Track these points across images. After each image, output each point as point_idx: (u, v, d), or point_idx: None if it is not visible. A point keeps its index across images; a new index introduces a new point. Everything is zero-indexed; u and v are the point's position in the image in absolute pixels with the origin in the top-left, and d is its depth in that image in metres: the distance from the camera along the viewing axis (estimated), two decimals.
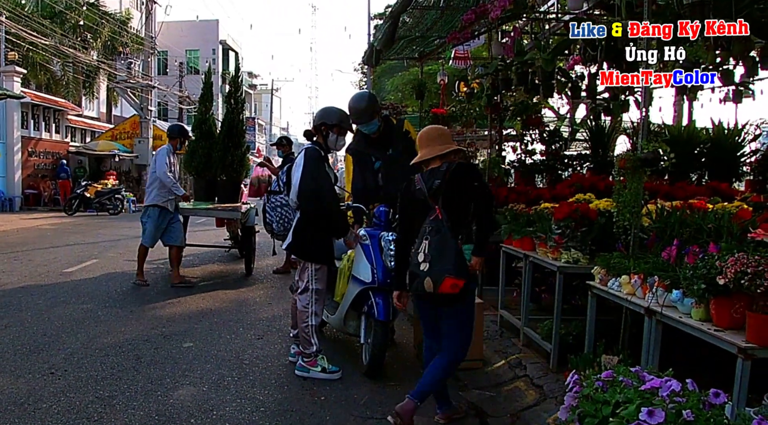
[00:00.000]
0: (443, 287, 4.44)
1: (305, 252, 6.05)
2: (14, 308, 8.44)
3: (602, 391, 2.86)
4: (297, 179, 5.90)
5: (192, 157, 12.27)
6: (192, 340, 7.18)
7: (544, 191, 8.44)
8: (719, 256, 3.53)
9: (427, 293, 4.54)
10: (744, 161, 8.26)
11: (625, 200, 4.86)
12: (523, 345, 6.69)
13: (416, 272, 4.57)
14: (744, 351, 3.19)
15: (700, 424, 2.51)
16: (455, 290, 4.47)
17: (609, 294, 4.68)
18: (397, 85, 26.00)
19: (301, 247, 6.05)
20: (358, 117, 6.86)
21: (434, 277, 4.44)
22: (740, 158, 8.25)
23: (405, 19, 9.73)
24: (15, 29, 25.76)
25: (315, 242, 6.00)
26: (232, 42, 57.25)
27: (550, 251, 5.99)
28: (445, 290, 4.45)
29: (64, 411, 5.05)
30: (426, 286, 4.48)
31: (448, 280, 4.41)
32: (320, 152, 6.06)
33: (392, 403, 5.35)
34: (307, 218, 5.95)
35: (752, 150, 8.33)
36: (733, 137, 8.25)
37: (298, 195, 5.88)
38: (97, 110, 38.99)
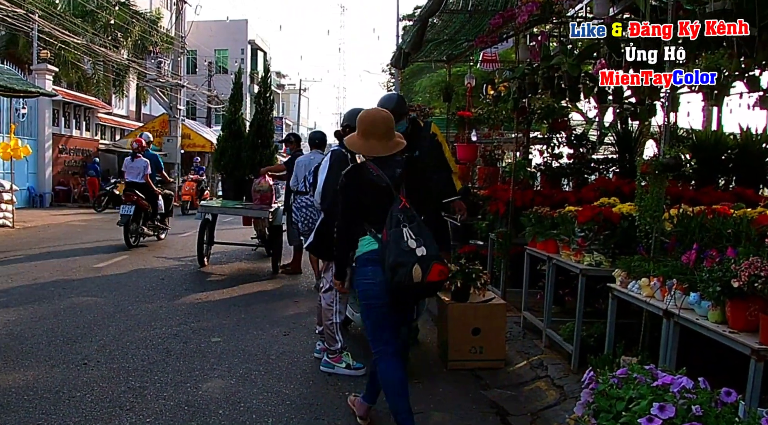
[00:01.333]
0: (432, 275, 4.20)
1: (327, 253, 6.14)
2: (47, 301, 8.66)
3: (617, 388, 2.96)
4: (322, 180, 6.03)
5: (221, 156, 12.47)
6: (220, 335, 7.34)
7: (569, 194, 8.51)
8: (735, 260, 3.61)
9: (407, 286, 4.22)
10: None
11: (646, 204, 4.94)
12: (545, 347, 6.77)
13: (402, 261, 4.20)
14: (757, 353, 3.27)
15: (709, 420, 2.60)
16: (442, 277, 4.34)
17: (629, 296, 4.76)
18: (426, 87, 26.06)
19: (323, 247, 6.15)
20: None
21: (425, 264, 4.18)
22: None
23: (434, 20, 9.83)
24: (47, 28, 26.12)
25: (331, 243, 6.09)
26: (260, 42, 57.60)
27: (573, 253, 6.07)
28: (434, 278, 4.23)
29: (97, 399, 5.23)
30: (414, 275, 4.16)
31: (436, 266, 4.22)
32: (346, 155, 6.16)
33: (414, 400, 5.46)
34: (330, 219, 6.01)
35: None
36: (761, 143, 8.25)
37: (322, 196, 6.01)
38: (126, 108, 39.45)
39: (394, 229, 4.29)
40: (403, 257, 4.20)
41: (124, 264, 12.04)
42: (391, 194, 4.48)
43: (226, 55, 53.93)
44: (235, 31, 53.14)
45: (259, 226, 13.10)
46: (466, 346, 6.45)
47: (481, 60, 14.05)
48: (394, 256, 4.23)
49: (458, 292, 6.54)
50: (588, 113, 15.82)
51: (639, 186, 5.09)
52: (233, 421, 4.95)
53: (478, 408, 5.47)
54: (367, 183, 4.54)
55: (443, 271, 4.31)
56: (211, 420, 4.95)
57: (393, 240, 4.27)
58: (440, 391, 5.82)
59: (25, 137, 24.14)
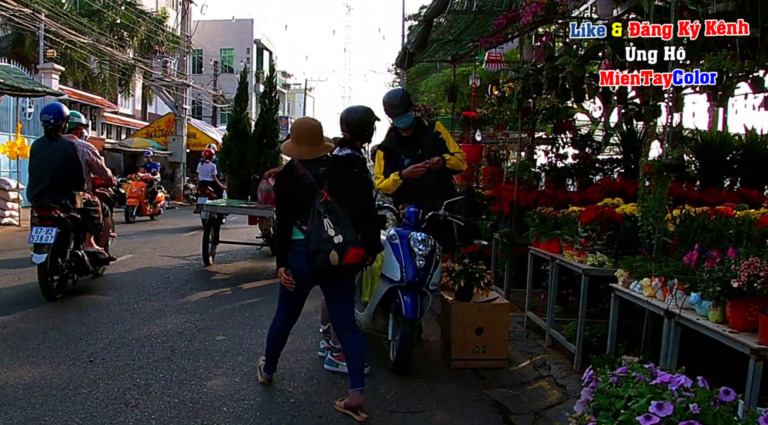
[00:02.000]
0: (348, 257, 4.92)
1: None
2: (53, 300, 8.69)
3: (616, 386, 2.99)
4: None
5: (227, 155, 12.52)
6: (224, 333, 7.39)
7: (573, 194, 8.53)
8: (735, 260, 3.64)
9: (326, 268, 4.95)
10: None
11: (649, 205, 4.97)
12: (548, 346, 6.80)
13: (321, 248, 4.92)
14: (756, 352, 3.30)
15: (707, 418, 2.63)
16: (358, 259, 5.02)
17: (631, 296, 4.79)
18: (431, 87, 26.09)
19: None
20: (393, 109, 7.08)
21: (341, 248, 4.90)
22: None
23: (440, 20, 9.86)
24: (54, 27, 26.22)
25: None
26: (266, 41, 57.70)
27: (576, 254, 6.10)
28: (350, 260, 4.94)
29: (103, 396, 5.28)
30: (332, 259, 4.90)
31: (352, 250, 4.93)
32: (364, 160, 6.25)
33: (417, 398, 5.57)
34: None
35: None
36: (766, 143, 8.26)
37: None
38: (132, 107, 39.59)
39: (316, 220, 5.01)
40: (323, 244, 4.93)
41: (130, 263, 12.09)
42: (315, 191, 5.13)
43: (232, 54, 54.06)
44: (240, 31, 53.23)
45: (264, 225, 13.13)
46: (469, 345, 6.47)
47: (486, 60, 14.08)
48: (315, 243, 4.97)
49: (462, 292, 6.56)
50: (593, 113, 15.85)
51: (642, 187, 5.11)
52: (237, 418, 4.99)
53: (480, 407, 5.50)
54: (295, 181, 5.27)
55: (359, 254, 5.01)
56: (215, 417, 4.99)
57: (315, 230, 4.99)
58: (443, 390, 5.85)
59: (32, 136, 24.07)
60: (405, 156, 7.22)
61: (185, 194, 32.81)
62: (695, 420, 2.59)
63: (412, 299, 6.09)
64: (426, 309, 6.43)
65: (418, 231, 6.35)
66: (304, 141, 5.30)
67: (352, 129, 6.13)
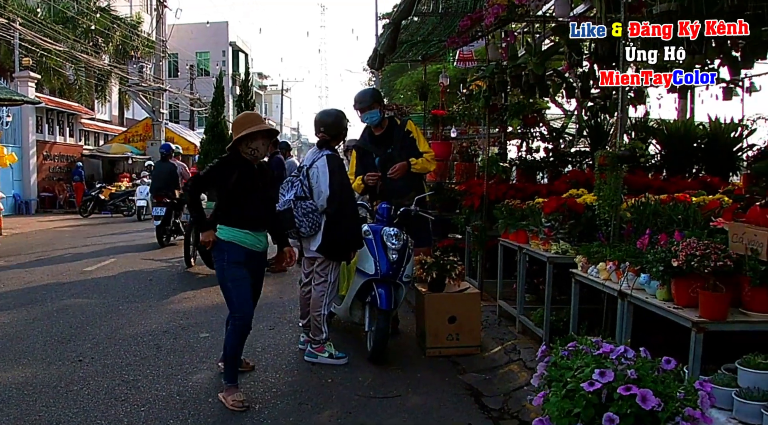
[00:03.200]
0: None
1: (334, 253, 6.48)
2: (40, 303, 8.95)
3: (567, 359, 3.29)
4: (326, 185, 6.32)
5: (205, 159, 12.75)
6: (208, 331, 7.65)
7: (541, 187, 8.83)
8: (678, 242, 3.95)
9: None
10: (741, 156, 8.56)
11: (605, 194, 5.27)
12: (518, 332, 7.10)
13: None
14: (696, 325, 3.62)
15: (646, 383, 2.93)
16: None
17: (588, 280, 5.10)
18: (406, 85, 26.33)
19: (331, 248, 6.45)
20: (360, 103, 7.38)
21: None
22: (737, 152, 8.57)
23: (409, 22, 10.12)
24: (29, 36, 26.25)
25: (339, 243, 6.43)
26: (241, 44, 57.69)
27: (541, 243, 6.40)
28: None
29: (94, 392, 5.53)
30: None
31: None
32: (341, 160, 6.60)
33: (394, 384, 5.86)
34: (335, 222, 6.35)
35: (749, 145, 8.67)
36: (729, 132, 8.58)
37: (329, 201, 6.32)
38: (109, 113, 39.50)
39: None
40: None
41: (112, 267, 12.31)
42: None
43: (208, 57, 53.96)
44: (215, 34, 53.12)
45: None
46: (443, 334, 6.77)
47: (458, 58, 14.36)
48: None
49: (434, 283, 6.85)
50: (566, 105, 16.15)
51: (597, 177, 5.42)
52: (222, 409, 5.25)
53: (454, 391, 5.79)
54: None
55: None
56: (202, 407, 5.26)
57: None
58: (418, 376, 6.13)
59: (9, 145, 24.27)
60: (376, 155, 7.52)
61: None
62: (633, 384, 2.90)
63: (386, 291, 6.39)
64: (400, 300, 6.73)
65: (391, 226, 6.65)
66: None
67: (328, 130, 6.47)
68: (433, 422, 5.12)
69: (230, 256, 5.44)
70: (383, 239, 6.54)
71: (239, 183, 5.43)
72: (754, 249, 3.63)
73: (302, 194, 6.39)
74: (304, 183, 6.42)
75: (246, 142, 5.49)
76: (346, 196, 6.43)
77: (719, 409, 3.40)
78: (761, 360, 3.46)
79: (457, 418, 5.19)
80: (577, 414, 2.96)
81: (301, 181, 6.44)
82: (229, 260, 5.44)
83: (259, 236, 5.66)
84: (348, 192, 6.52)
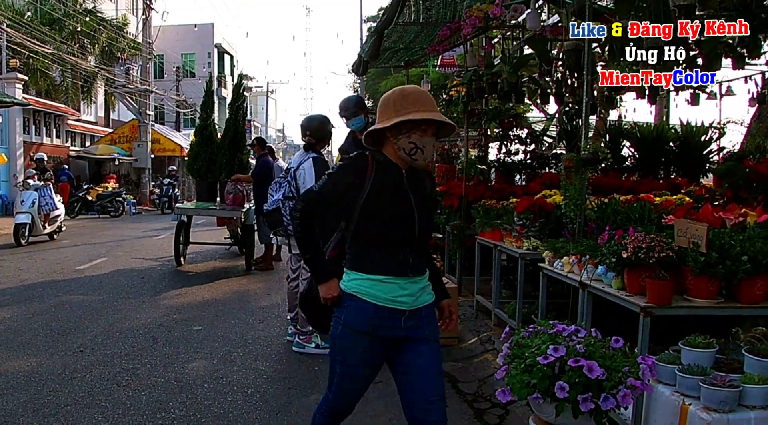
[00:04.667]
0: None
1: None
2: (37, 299, 9.32)
3: (527, 339, 3.74)
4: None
5: (194, 161, 13.09)
6: (201, 324, 8.06)
7: (517, 188, 9.30)
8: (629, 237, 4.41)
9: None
10: (710, 159, 9.01)
11: (571, 194, 5.72)
12: (494, 325, 7.55)
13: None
14: (644, 310, 4.06)
15: (594, 357, 3.37)
16: None
17: (554, 273, 5.55)
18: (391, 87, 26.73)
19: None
20: (344, 111, 7.81)
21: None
22: (707, 155, 9.02)
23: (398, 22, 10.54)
24: (17, 38, 26.47)
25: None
26: (227, 45, 57.88)
27: (514, 240, 6.86)
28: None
29: (96, 379, 5.93)
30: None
31: None
32: (327, 162, 7.06)
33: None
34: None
35: (719, 147, 9.13)
36: (700, 135, 9.04)
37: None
38: (95, 114, 39.65)
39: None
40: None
41: (104, 266, 12.68)
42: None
43: (193, 59, 54.14)
44: (201, 35, 53.30)
45: (232, 226, 13.76)
46: None
47: (440, 64, 14.83)
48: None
49: None
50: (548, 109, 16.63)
51: (563, 179, 5.87)
52: (217, 392, 5.68)
53: None
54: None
55: None
56: (198, 391, 5.68)
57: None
58: None
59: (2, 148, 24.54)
60: None
61: (151, 198, 33.41)
62: (582, 357, 3.34)
63: None
64: None
65: None
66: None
67: (314, 134, 6.92)
68: None
69: (348, 317, 3.37)
70: None
71: (379, 198, 3.32)
72: (695, 242, 4.08)
73: (290, 194, 6.78)
74: (291, 184, 6.82)
75: (406, 132, 3.32)
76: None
77: (665, 384, 3.87)
78: (701, 340, 3.92)
79: None
80: (534, 385, 3.41)
81: (289, 182, 6.84)
82: (345, 324, 3.38)
83: (409, 285, 3.38)
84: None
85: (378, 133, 3.43)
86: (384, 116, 3.39)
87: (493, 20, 7.09)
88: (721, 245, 4.06)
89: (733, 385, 3.55)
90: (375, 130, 3.41)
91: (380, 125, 3.38)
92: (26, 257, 13.80)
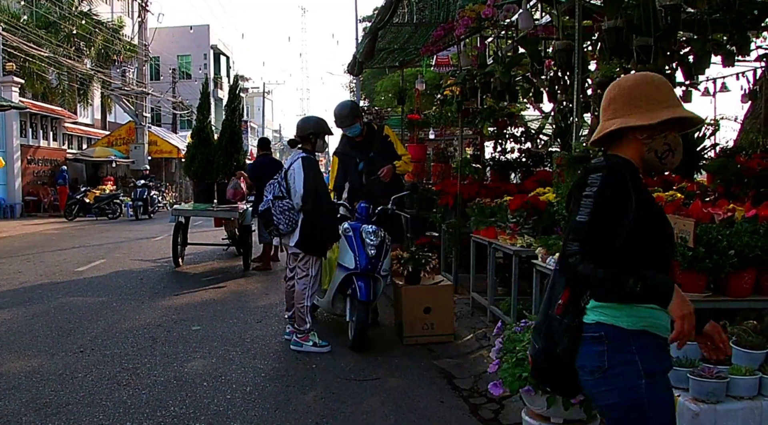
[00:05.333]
0: None
1: (311, 248, 7.00)
2: (37, 301, 9.38)
3: (519, 334, 3.83)
4: (301, 184, 6.88)
5: (191, 162, 13.16)
6: (199, 324, 8.13)
7: (512, 186, 9.39)
8: None
9: None
10: (704, 155, 9.07)
11: (562, 192, 5.81)
12: (489, 321, 7.61)
13: None
14: None
15: None
16: None
17: (546, 268, 5.63)
18: (387, 87, 26.80)
19: (308, 244, 6.97)
20: (341, 121, 7.99)
21: None
22: (701, 151, 9.08)
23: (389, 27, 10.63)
24: (13, 42, 26.50)
25: (317, 239, 6.99)
26: (223, 47, 57.92)
27: (508, 237, 6.94)
28: None
29: (97, 379, 6.00)
30: None
31: None
32: (316, 160, 7.17)
33: (373, 369, 6.39)
34: (311, 219, 6.88)
35: (712, 144, 9.20)
36: (694, 131, 9.09)
37: (304, 199, 6.85)
38: (91, 116, 39.67)
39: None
40: None
41: (103, 268, 12.74)
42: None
43: (189, 60, 54.16)
44: (197, 37, 53.27)
45: (230, 227, 13.83)
46: (419, 323, 7.30)
47: (435, 63, 14.91)
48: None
49: (410, 276, 7.41)
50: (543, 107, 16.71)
51: (555, 176, 5.96)
52: (216, 390, 5.75)
53: (428, 374, 6.34)
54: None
55: None
56: (198, 390, 5.75)
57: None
58: (396, 362, 6.67)
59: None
60: (359, 160, 8.14)
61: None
62: None
63: (365, 284, 6.93)
64: (379, 293, 7.25)
65: (369, 224, 7.18)
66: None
67: (297, 131, 7.18)
68: (408, 401, 5.63)
69: (646, 361, 2.55)
70: (362, 235, 7.06)
71: (645, 216, 2.62)
72: (683, 237, 4.17)
73: (280, 194, 6.93)
74: (281, 184, 6.97)
75: (662, 131, 2.69)
76: (320, 194, 6.97)
77: None
78: None
79: (430, 397, 5.71)
80: (526, 378, 3.50)
81: (279, 182, 6.99)
82: (646, 371, 2.55)
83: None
84: (322, 190, 7.07)
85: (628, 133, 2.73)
86: (633, 110, 2.68)
87: (486, 20, 7.17)
88: (708, 240, 4.16)
89: (721, 377, 3.64)
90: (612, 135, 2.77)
91: (637, 121, 2.66)
92: (24, 260, 13.86)
